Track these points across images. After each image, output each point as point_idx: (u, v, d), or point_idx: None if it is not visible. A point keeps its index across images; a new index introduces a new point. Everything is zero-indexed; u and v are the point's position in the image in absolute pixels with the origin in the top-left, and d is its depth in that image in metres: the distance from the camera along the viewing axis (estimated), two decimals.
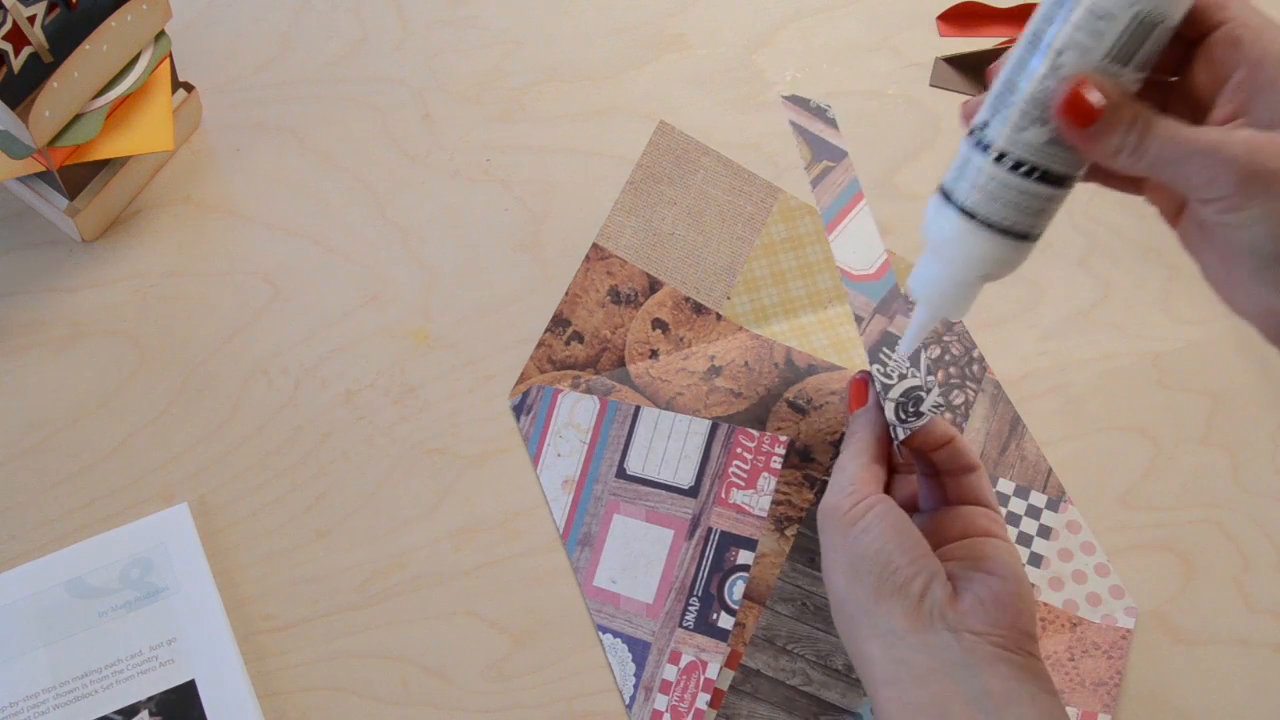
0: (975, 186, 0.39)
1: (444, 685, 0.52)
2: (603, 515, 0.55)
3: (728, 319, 0.60)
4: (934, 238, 0.41)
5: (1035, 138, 0.37)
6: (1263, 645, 0.55)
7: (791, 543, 0.55)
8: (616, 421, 0.57)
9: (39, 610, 0.51)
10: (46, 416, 0.56)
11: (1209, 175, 0.35)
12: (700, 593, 0.53)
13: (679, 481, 0.56)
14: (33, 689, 0.49)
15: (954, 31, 0.74)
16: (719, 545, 0.54)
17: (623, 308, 0.60)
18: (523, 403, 0.57)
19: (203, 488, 0.55)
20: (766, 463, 0.56)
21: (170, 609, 0.51)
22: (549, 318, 0.60)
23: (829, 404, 0.58)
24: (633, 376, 0.58)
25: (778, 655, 0.53)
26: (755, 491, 0.55)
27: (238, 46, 0.68)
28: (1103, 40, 0.35)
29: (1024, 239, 0.39)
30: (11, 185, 0.60)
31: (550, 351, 0.59)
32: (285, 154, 0.64)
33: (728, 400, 0.58)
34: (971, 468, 0.49)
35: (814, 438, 0.57)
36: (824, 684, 0.52)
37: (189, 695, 0.49)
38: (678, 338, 0.60)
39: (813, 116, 0.56)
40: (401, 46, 0.69)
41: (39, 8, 0.53)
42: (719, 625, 0.53)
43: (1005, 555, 0.46)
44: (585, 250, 0.61)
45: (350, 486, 0.56)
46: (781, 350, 0.60)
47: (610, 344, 0.59)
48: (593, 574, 0.54)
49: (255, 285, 0.60)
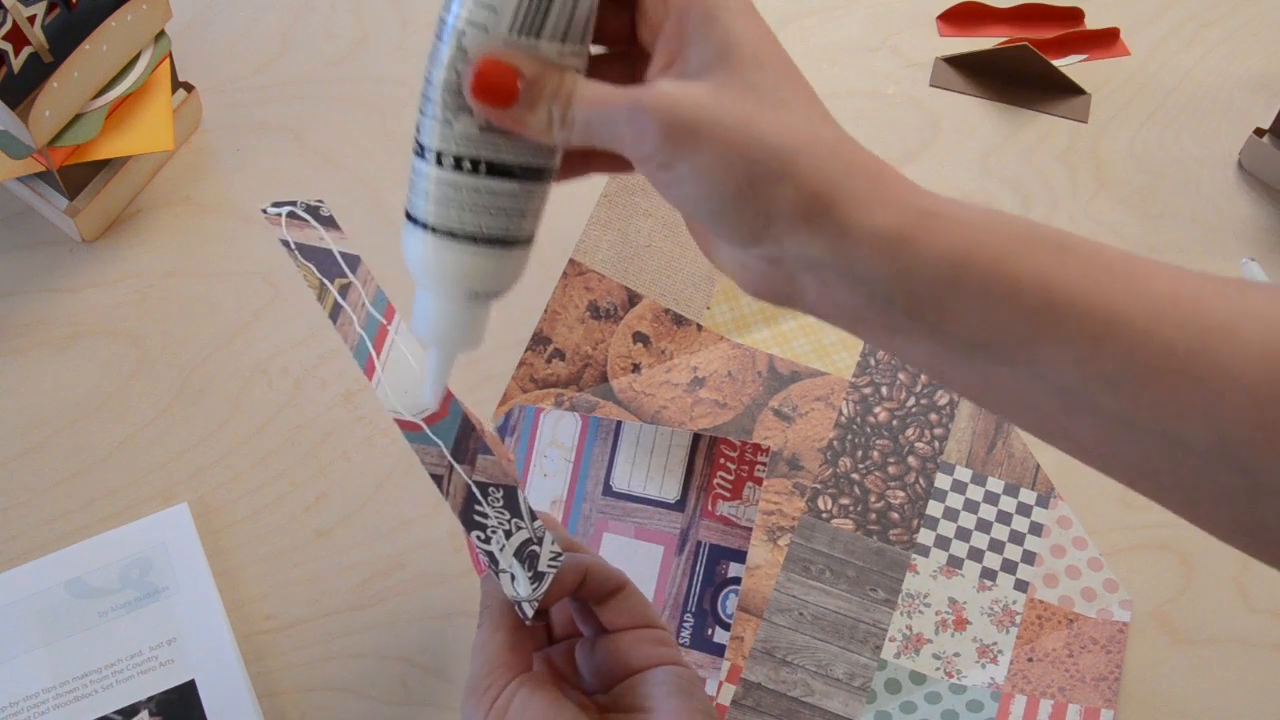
0: (426, 196, 0.34)
1: (444, 685, 0.52)
2: (592, 534, 0.54)
3: (709, 329, 0.60)
4: (411, 266, 0.36)
5: (466, 128, 0.33)
6: (1263, 645, 0.55)
7: (785, 553, 0.55)
8: (599, 438, 0.56)
9: (39, 610, 0.51)
10: (46, 416, 0.56)
11: (635, 133, 0.32)
12: (694, 609, 0.53)
13: (665, 496, 0.54)
14: (33, 689, 0.49)
15: (954, 31, 0.74)
16: (709, 559, 0.53)
17: (603, 322, 0.59)
18: (506, 423, 0.57)
19: (203, 488, 0.55)
20: (750, 472, 0.54)
21: (170, 609, 0.51)
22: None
23: (815, 410, 0.58)
24: (616, 392, 0.58)
25: (778, 667, 0.52)
26: (741, 502, 0.54)
27: (238, 46, 0.68)
28: (501, 15, 0.32)
29: (505, 244, 0.35)
30: (11, 185, 0.60)
31: (532, 370, 0.58)
32: (285, 154, 0.64)
33: (713, 411, 0.58)
34: (618, 588, 0.42)
35: (802, 445, 0.57)
36: (826, 694, 0.52)
37: (189, 695, 0.49)
38: (659, 350, 0.59)
39: (305, 224, 0.43)
40: (401, 46, 0.69)
41: (39, 8, 0.53)
42: (715, 641, 0.52)
43: (666, 690, 0.40)
44: (563, 265, 0.61)
45: (350, 486, 0.56)
46: (764, 358, 0.59)
47: (592, 360, 0.58)
48: None
49: (255, 285, 0.60)
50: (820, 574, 0.54)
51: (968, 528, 0.56)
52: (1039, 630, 0.54)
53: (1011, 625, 0.54)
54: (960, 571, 0.55)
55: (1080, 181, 0.68)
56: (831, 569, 0.55)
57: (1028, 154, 0.69)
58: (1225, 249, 0.66)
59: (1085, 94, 0.71)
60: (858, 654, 0.53)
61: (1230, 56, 0.74)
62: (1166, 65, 0.73)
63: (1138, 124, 0.70)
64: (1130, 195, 0.67)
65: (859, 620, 0.53)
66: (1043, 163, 0.68)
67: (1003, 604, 0.54)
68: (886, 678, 0.52)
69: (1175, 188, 0.68)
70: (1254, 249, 0.66)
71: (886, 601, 0.54)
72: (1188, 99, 0.72)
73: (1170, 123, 0.71)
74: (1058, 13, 0.75)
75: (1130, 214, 0.67)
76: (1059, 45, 0.73)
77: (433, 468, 0.42)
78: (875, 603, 0.54)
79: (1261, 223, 0.67)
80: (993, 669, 0.52)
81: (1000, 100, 0.71)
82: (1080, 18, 0.75)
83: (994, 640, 0.53)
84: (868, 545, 0.55)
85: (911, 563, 0.55)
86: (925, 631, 0.53)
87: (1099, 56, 0.73)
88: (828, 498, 0.56)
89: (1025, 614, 0.54)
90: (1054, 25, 0.75)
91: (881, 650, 0.53)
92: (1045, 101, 0.71)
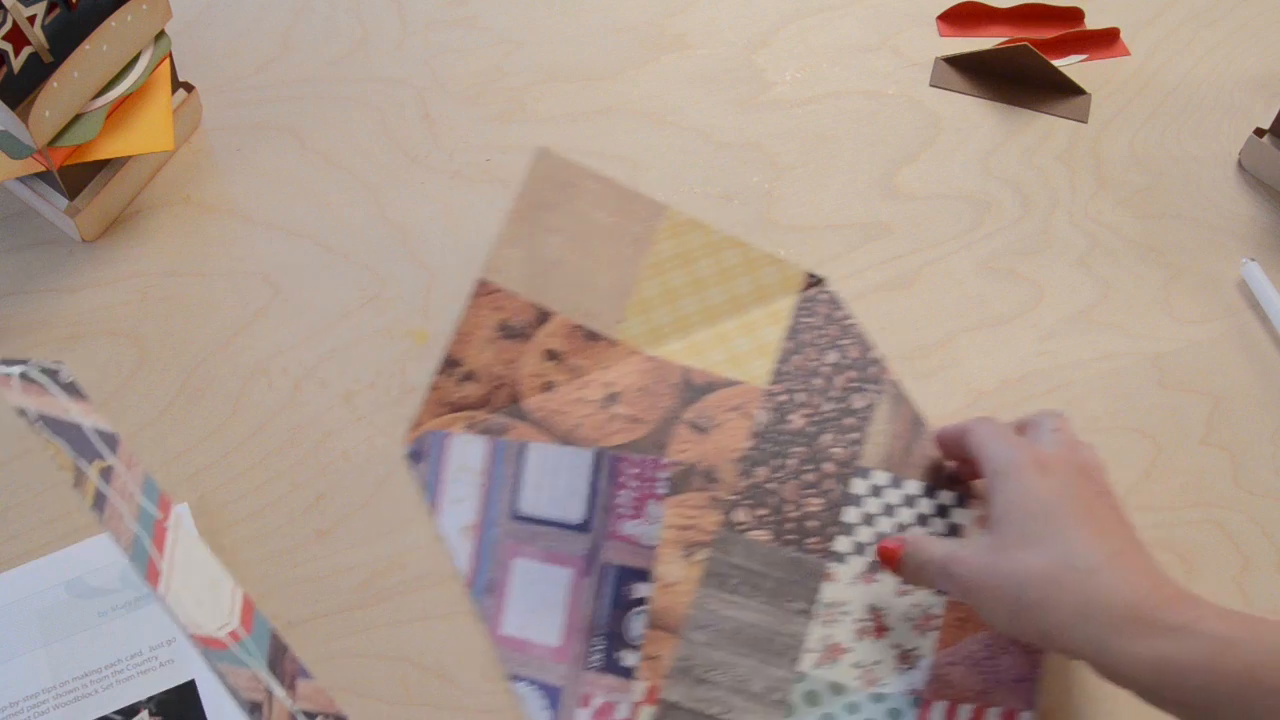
0: None
1: (444, 685, 0.52)
2: (504, 559, 0.53)
3: (622, 343, 0.59)
4: None
5: None
6: None
7: (701, 568, 0.54)
8: (505, 461, 0.55)
9: (39, 610, 0.51)
10: None
11: (946, 587, 0.49)
12: (604, 631, 0.52)
13: (570, 518, 0.54)
14: (32, 689, 0.49)
15: (954, 31, 0.74)
16: (616, 580, 0.53)
17: (514, 342, 0.58)
18: (419, 450, 0.56)
19: (203, 488, 0.55)
20: (651, 489, 0.54)
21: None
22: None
23: (729, 421, 0.57)
24: (529, 411, 0.57)
25: (696, 685, 0.51)
26: (644, 520, 0.53)
27: (238, 46, 0.68)
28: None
29: None
30: (11, 185, 0.60)
31: (444, 394, 0.57)
32: (285, 154, 0.64)
33: (627, 427, 0.56)
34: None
35: (718, 457, 0.56)
36: (745, 710, 0.51)
37: (189, 695, 0.49)
38: (572, 367, 0.58)
39: (42, 393, 0.33)
40: (401, 46, 0.69)
41: (39, 8, 0.53)
42: (623, 664, 0.51)
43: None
44: (471, 286, 0.59)
45: (350, 486, 0.56)
46: (678, 370, 0.58)
47: (504, 380, 0.57)
48: (500, 621, 0.52)
49: (255, 285, 0.60)
50: (737, 588, 0.53)
51: (886, 532, 0.55)
52: (959, 633, 0.53)
53: (931, 629, 0.53)
54: (878, 578, 0.54)
55: (1080, 181, 0.68)
56: (749, 582, 0.53)
57: (1028, 154, 0.69)
58: (1225, 249, 0.66)
59: (1085, 94, 0.71)
60: (776, 667, 0.52)
61: (1230, 56, 0.74)
62: (1166, 65, 0.73)
63: (1138, 124, 0.70)
64: (1130, 195, 0.67)
65: (776, 632, 0.52)
66: (1043, 163, 0.68)
67: (922, 608, 0.53)
68: (805, 690, 0.51)
69: (1175, 188, 0.68)
70: (1254, 249, 0.66)
71: (804, 612, 0.53)
72: (1188, 99, 0.72)
73: (1170, 123, 0.71)
74: (1058, 13, 0.75)
75: (1130, 214, 0.67)
76: (1059, 45, 0.73)
77: (247, 692, 0.34)
78: (793, 614, 0.53)
79: (1261, 223, 0.67)
80: (913, 675, 0.52)
81: (1000, 100, 0.71)
82: (1080, 18, 0.75)
83: (914, 645, 0.52)
84: (785, 555, 0.54)
85: (828, 571, 0.54)
86: (844, 640, 0.52)
87: (1099, 56, 0.73)
88: (744, 509, 0.55)
89: (945, 617, 0.53)
90: (1054, 25, 0.75)
91: (799, 662, 0.52)
92: (1045, 101, 0.71)
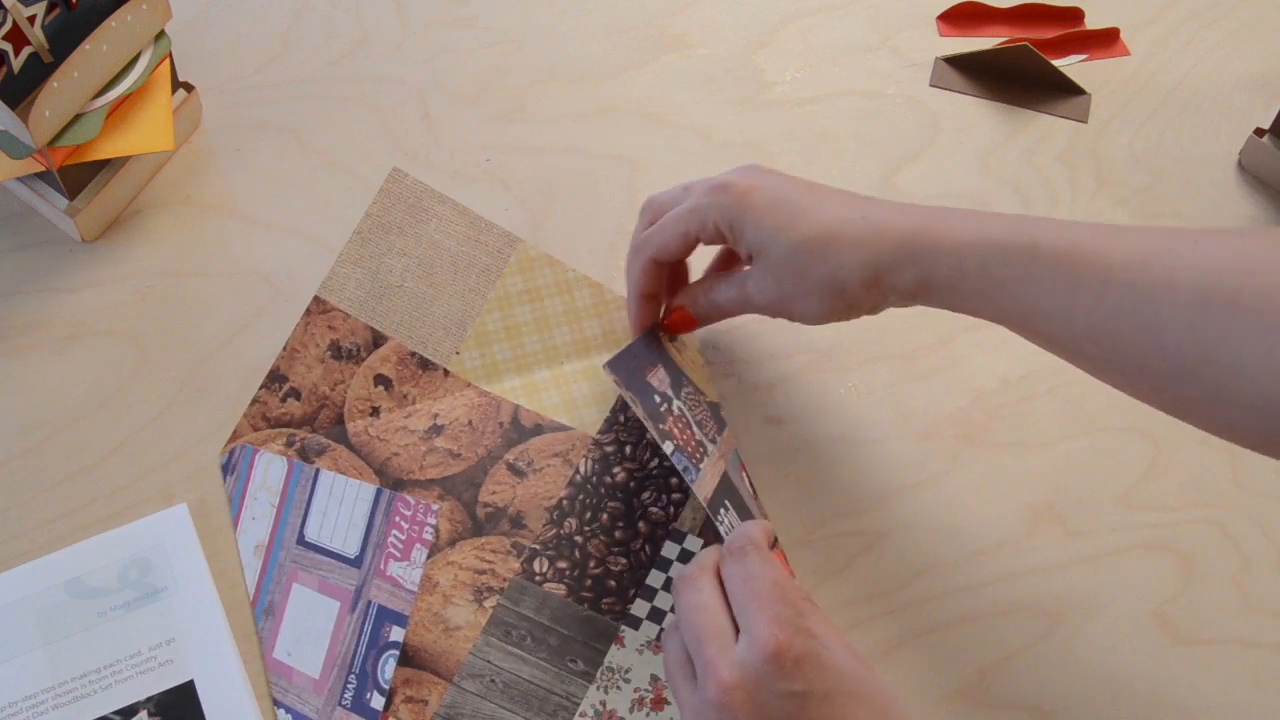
0: None
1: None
2: (285, 583, 0.52)
3: (455, 375, 0.57)
4: None
5: None
6: (1263, 645, 0.55)
7: (489, 615, 0.52)
8: (300, 484, 0.54)
9: (38, 610, 0.51)
10: (46, 416, 0.56)
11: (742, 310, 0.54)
12: (358, 669, 0.51)
13: (346, 550, 0.53)
14: (32, 689, 0.49)
15: (954, 31, 0.74)
16: (376, 620, 0.52)
17: (344, 363, 0.57)
18: (230, 461, 0.55)
19: (203, 488, 0.55)
20: (419, 533, 0.53)
21: (169, 609, 0.51)
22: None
23: (550, 466, 0.55)
24: (350, 435, 0.56)
25: None
26: (409, 564, 0.53)
27: (238, 46, 0.68)
28: None
29: None
30: (11, 185, 0.60)
31: (265, 409, 0.56)
32: (285, 154, 0.64)
33: (444, 461, 0.55)
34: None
35: (528, 503, 0.55)
36: None
37: (188, 695, 0.49)
38: (402, 394, 0.57)
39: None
40: (401, 46, 0.69)
41: (39, 8, 0.53)
42: (371, 705, 0.50)
43: None
44: (306, 302, 0.59)
45: None
46: (509, 408, 0.57)
47: (329, 401, 0.56)
48: (273, 644, 0.51)
49: (255, 285, 0.60)
50: (521, 640, 0.52)
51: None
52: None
53: None
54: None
55: (1080, 181, 0.68)
56: (534, 635, 0.52)
57: (1028, 154, 0.69)
58: None
59: (1085, 94, 0.71)
60: None
61: (1230, 56, 0.74)
62: (1166, 65, 0.73)
63: (1138, 124, 0.70)
64: (1130, 195, 0.67)
65: (551, 691, 0.51)
66: (1043, 163, 0.68)
67: None
68: None
69: (1175, 188, 0.68)
70: None
71: (584, 674, 0.51)
72: (1188, 99, 0.72)
73: (1170, 123, 0.71)
74: (1058, 13, 0.75)
75: (1130, 214, 0.67)
76: (1059, 45, 0.73)
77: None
78: (573, 674, 0.51)
79: (1261, 222, 0.67)
80: None
81: (1000, 100, 0.71)
82: (1080, 18, 0.75)
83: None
84: (577, 613, 0.52)
85: (619, 634, 0.52)
86: (619, 709, 0.51)
87: (1099, 56, 0.73)
88: (545, 559, 0.53)
89: None
90: (1054, 25, 0.75)
91: None
92: (1045, 101, 0.71)
